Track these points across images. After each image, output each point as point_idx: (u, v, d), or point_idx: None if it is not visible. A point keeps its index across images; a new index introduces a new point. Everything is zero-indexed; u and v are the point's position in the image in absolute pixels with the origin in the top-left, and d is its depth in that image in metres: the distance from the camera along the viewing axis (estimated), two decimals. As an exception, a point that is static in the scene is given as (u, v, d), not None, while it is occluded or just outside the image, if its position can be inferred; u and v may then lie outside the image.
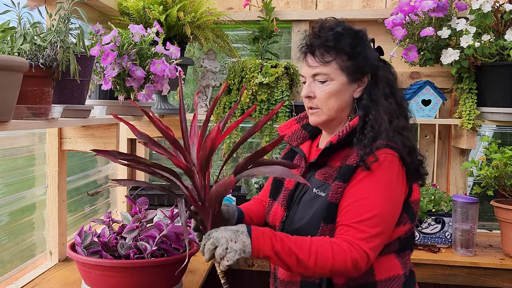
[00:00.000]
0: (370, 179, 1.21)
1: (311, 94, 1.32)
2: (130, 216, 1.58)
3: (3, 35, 1.25)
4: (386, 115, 1.26)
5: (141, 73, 1.70)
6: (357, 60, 1.29)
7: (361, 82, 1.31)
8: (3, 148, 1.70)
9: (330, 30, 1.31)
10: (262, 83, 2.30)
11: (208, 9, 2.31)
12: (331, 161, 1.32)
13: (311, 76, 1.33)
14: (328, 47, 1.29)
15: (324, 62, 1.29)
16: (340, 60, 1.29)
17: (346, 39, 1.29)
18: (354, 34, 1.31)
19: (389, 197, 1.21)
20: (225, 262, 1.13)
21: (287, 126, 1.49)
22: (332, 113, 1.32)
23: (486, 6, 2.09)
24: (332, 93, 1.30)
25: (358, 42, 1.30)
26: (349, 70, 1.29)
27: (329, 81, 1.29)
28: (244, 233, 1.14)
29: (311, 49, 1.32)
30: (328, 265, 1.14)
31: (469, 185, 2.61)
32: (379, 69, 1.32)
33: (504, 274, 2.06)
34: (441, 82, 2.49)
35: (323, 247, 1.15)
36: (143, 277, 1.43)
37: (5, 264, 1.71)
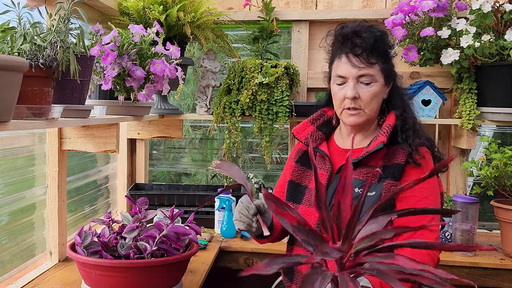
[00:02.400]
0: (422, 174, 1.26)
1: (357, 95, 1.33)
2: (130, 216, 1.58)
3: (3, 35, 1.25)
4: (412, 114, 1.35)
5: (141, 73, 1.70)
6: (390, 64, 1.36)
7: (389, 85, 1.38)
8: (3, 148, 1.70)
9: (372, 33, 1.33)
10: (262, 83, 2.30)
11: (208, 9, 2.31)
12: (370, 161, 1.34)
13: (356, 77, 1.33)
14: (373, 49, 1.31)
15: (370, 64, 1.31)
16: (381, 62, 1.33)
17: (385, 44, 1.35)
18: (386, 38, 1.37)
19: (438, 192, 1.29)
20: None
21: (302, 128, 1.50)
22: (372, 114, 1.36)
23: (486, 6, 2.09)
24: (375, 95, 1.33)
25: (390, 46, 1.37)
26: (386, 72, 1.34)
27: (373, 83, 1.33)
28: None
29: (356, 50, 1.32)
30: None
31: (469, 185, 2.61)
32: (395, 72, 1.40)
33: (504, 274, 2.06)
34: (441, 82, 2.49)
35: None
36: (143, 277, 1.43)
37: (5, 264, 1.71)
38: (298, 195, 1.43)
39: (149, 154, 2.90)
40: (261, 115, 2.33)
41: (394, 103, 1.35)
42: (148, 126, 2.56)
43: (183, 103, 2.99)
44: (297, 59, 2.59)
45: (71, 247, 1.52)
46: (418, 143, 1.29)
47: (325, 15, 2.54)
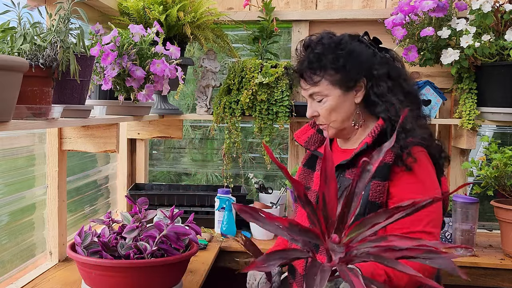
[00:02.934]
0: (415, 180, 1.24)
1: (315, 113, 1.38)
2: (130, 216, 1.58)
3: (3, 35, 1.25)
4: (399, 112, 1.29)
5: (141, 73, 1.70)
6: (344, 71, 1.32)
7: (358, 87, 1.34)
8: (3, 148, 1.70)
9: (311, 52, 1.34)
10: (262, 83, 2.30)
11: (208, 9, 2.31)
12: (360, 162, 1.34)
13: (308, 96, 1.38)
14: (313, 69, 1.33)
15: (314, 83, 1.34)
16: (328, 76, 1.33)
17: (327, 56, 1.32)
18: (335, 46, 1.33)
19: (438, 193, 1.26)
20: None
21: (303, 132, 1.52)
22: (338, 125, 1.36)
23: (486, 6, 2.09)
24: (331, 108, 1.35)
25: (340, 53, 1.32)
26: (340, 82, 1.33)
27: (325, 98, 1.34)
28: None
29: (300, 73, 1.37)
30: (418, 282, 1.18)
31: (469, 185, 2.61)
32: (373, 67, 1.33)
33: (504, 274, 2.06)
34: (441, 82, 2.49)
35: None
36: (143, 277, 1.43)
37: (5, 264, 1.71)
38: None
39: (149, 154, 2.90)
40: (261, 115, 2.33)
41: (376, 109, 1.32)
42: (148, 126, 2.56)
43: (183, 103, 2.99)
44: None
45: (71, 247, 1.52)
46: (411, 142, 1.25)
47: (325, 15, 2.54)
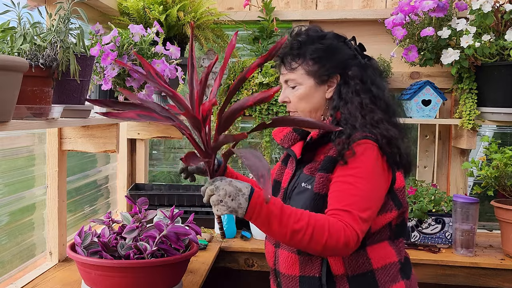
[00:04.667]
0: (352, 168, 1.26)
1: (286, 99, 1.42)
2: (130, 216, 1.58)
3: (3, 35, 1.25)
4: (357, 110, 1.32)
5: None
6: (320, 64, 1.36)
7: (330, 83, 1.38)
8: (3, 148, 1.70)
9: (295, 38, 1.40)
10: (262, 83, 2.30)
11: (208, 9, 2.31)
12: (317, 156, 1.39)
13: (283, 82, 1.43)
14: (293, 55, 1.39)
15: (291, 69, 1.39)
16: (306, 65, 1.37)
17: (308, 46, 1.37)
18: (318, 38, 1.38)
19: (372, 183, 1.25)
20: (215, 211, 1.20)
21: (279, 129, 1.56)
22: (306, 115, 1.39)
23: (486, 6, 2.09)
24: (301, 97, 1.38)
25: (321, 46, 1.37)
26: (315, 73, 1.37)
27: (298, 86, 1.39)
28: (245, 195, 1.17)
29: (281, 59, 1.42)
30: (322, 241, 1.16)
31: (469, 185, 2.61)
32: (349, 68, 1.37)
33: (504, 274, 2.06)
34: (441, 82, 2.49)
35: (320, 222, 1.18)
36: (143, 277, 1.43)
37: (5, 264, 1.71)
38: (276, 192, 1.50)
39: (149, 154, 2.90)
40: (261, 115, 2.33)
41: (332, 104, 1.36)
42: (148, 126, 2.55)
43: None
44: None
45: (71, 247, 1.52)
46: (355, 138, 1.26)
47: (325, 15, 2.54)
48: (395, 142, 1.31)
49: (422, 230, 2.16)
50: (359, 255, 1.30)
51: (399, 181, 1.35)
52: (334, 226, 1.18)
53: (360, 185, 1.24)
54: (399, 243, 1.38)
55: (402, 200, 1.36)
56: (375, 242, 1.32)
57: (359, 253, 1.29)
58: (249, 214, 1.17)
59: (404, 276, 1.34)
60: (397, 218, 1.35)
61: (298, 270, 1.34)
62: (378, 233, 1.32)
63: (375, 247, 1.32)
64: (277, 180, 1.52)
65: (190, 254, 1.54)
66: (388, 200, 1.32)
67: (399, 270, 1.34)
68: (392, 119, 1.37)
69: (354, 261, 1.30)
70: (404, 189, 1.38)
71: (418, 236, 2.17)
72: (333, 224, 1.18)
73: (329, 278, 1.30)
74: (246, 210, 1.17)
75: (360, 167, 1.25)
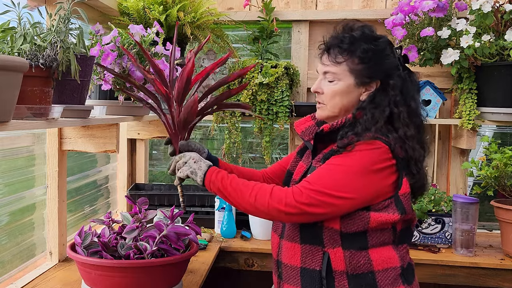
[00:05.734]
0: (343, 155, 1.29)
1: (319, 90, 1.40)
2: (130, 216, 1.58)
3: (3, 35, 1.25)
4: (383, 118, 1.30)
5: (141, 73, 1.70)
6: (367, 65, 1.34)
7: (369, 86, 1.36)
8: (3, 148, 1.70)
9: (348, 32, 1.37)
10: (262, 83, 2.30)
11: (208, 9, 2.31)
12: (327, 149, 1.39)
13: (322, 73, 1.40)
14: (341, 49, 1.35)
15: (335, 62, 1.35)
16: (351, 62, 1.34)
17: (360, 43, 1.34)
18: (372, 39, 1.36)
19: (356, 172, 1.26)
20: (179, 173, 1.39)
21: (302, 121, 1.55)
22: (335, 111, 1.38)
23: (486, 6, 2.09)
24: (337, 92, 1.36)
25: (373, 48, 1.34)
26: (358, 73, 1.34)
27: (337, 81, 1.36)
28: (206, 163, 1.38)
29: (327, 48, 1.38)
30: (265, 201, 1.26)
31: (469, 185, 2.61)
32: (392, 77, 1.35)
33: (504, 274, 2.06)
34: (441, 82, 2.49)
35: (265, 187, 1.29)
36: (143, 277, 1.44)
37: (5, 264, 1.71)
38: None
39: (149, 154, 2.90)
40: (261, 115, 2.33)
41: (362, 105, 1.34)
42: (148, 126, 2.55)
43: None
44: (297, 59, 2.59)
45: (71, 247, 1.52)
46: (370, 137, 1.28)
47: (325, 15, 2.54)
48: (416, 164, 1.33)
49: (422, 230, 2.16)
50: (361, 256, 1.30)
51: (405, 187, 1.33)
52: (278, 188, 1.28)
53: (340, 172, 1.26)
54: (403, 248, 1.38)
55: (407, 206, 1.34)
56: (378, 245, 1.32)
57: (361, 253, 1.30)
58: (207, 178, 1.34)
59: (405, 282, 1.34)
60: (402, 224, 1.35)
61: (299, 261, 1.35)
62: (379, 234, 1.31)
63: (377, 250, 1.32)
64: (290, 171, 1.53)
65: (190, 254, 1.54)
66: (391, 204, 1.31)
67: (400, 275, 1.33)
68: (423, 137, 1.37)
69: (355, 260, 1.30)
70: (409, 196, 1.36)
71: (418, 236, 2.17)
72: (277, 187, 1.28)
73: (328, 273, 1.31)
74: (205, 174, 1.34)
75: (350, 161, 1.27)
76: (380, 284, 1.30)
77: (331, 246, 1.30)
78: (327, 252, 1.31)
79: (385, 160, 1.28)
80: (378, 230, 1.31)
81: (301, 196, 1.24)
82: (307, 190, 1.25)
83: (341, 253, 1.29)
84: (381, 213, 1.30)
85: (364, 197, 1.28)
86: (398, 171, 1.30)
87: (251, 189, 1.29)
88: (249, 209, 1.31)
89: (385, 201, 1.30)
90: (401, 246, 1.37)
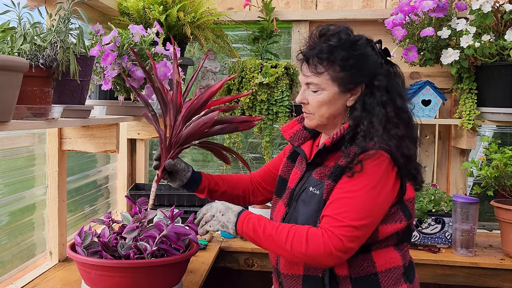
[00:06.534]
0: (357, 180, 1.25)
1: (305, 101, 1.37)
2: (130, 216, 1.57)
3: (3, 35, 1.25)
4: (380, 124, 1.28)
5: (141, 73, 1.70)
6: (349, 72, 1.31)
7: (354, 91, 1.33)
8: (3, 148, 1.70)
9: (325, 41, 1.33)
10: (262, 83, 2.30)
11: (208, 9, 2.31)
12: (327, 161, 1.36)
13: (305, 83, 1.37)
14: (321, 59, 1.32)
15: (316, 73, 1.33)
16: (332, 71, 1.31)
17: (339, 52, 1.30)
18: (350, 45, 1.32)
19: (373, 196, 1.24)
20: (207, 227, 1.35)
21: (289, 126, 1.53)
22: (323, 120, 1.36)
23: (486, 6, 2.09)
24: (323, 102, 1.34)
25: (353, 53, 1.31)
26: (341, 81, 1.31)
27: (321, 91, 1.33)
28: (234, 213, 1.32)
29: (306, 59, 1.36)
30: (302, 250, 1.21)
31: (469, 185, 2.61)
32: (376, 77, 1.32)
33: (504, 274, 2.06)
34: (441, 82, 2.49)
35: (299, 232, 1.23)
36: (143, 277, 1.43)
37: (5, 264, 1.71)
38: (281, 191, 1.49)
39: (149, 154, 2.90)
40: (261, 115, 2.33)
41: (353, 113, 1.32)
42: (148, 126, 2.55)
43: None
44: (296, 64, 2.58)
45: (71, 247, 1.52)
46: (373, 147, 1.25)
47: (325, 15, 2.54)
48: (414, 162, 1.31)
49: (422, 230, 2.16)
50: (364, 259, 1.29)
51: (409, 192, 1.33)
52: (313, 236, 1.21)
53: (359, 197, 1.23)
54: (404, 247, 1.38)
55: (412, 210, 1.35)
56: (381, 247, 1.31)
57: (364, 256, 1.29)
58: (239, 228, 1.29)
59: (407, 280, 1.34)
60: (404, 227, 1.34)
61: (302, 270, 1.34)
62: (385, 240, 1.31)
63: (380, 252, 1.31)
64: (283, 177, 1.50)
65: (190, 254, 1.54)
66: (397, 211, 1.31)
67: (403, 274, 1.33)
68: (413, 133, 1.36)
69: (359, 264, 1.29)
70: (413, 200, 1.36)
71: (418, 236, 2.17)
72: (312, 234, 1.21)
73: (332, 278, 1.30)
74: (235, 225, 1.29)
75: (364, 181, 1.24)
76: (383, 284, 1.30)
77: None
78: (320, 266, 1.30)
79: (391, 170, 1.27)
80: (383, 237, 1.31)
81: (338, 242, 1.19)
82: (340, 230, 1.20)
83: None
84: (389, 224, 1.29)
85: (383, 214, 1.28)
86: (400, 177, 1.29)
87: (286, 237, 1.23)
88: (287, 257, 1.29)
89: (391, 208, 1.29)
90: (402, 245, 1.37)
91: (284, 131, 1.52)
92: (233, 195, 1.63)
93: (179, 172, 1.53)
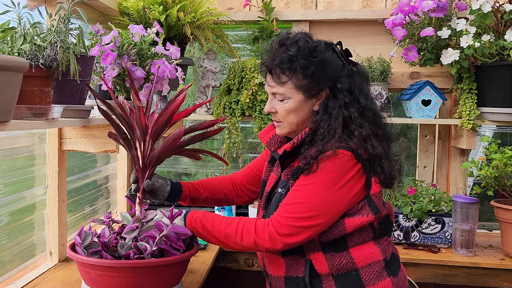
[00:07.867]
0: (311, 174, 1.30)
1: (273, 110, 1.41)
2: (130, 216, 1.57)
3: (3, 35, 1.25)
4: (340, 126, 1.31)
5: (141, 73, 1.70)
6: (311, 78, 1.34)
7: (319, 96, 1.37)
8: (3, 148, 1.70)
9: (285, 51, 1.35)
10: (262, 83, 2.30)
11: (208, 9, 2.31)
12: (295, 162, 1.41)
13: (271, 93, 1.41)
14: (282, 69, 1.35)
15: (280, 83, 1.36)
16: (295, 79, 1.34)
17: (299, 60, 1.33)
18: (309, 52, 1.34)
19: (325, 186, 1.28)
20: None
21: (266, 131, 1.56)
22: (293, 127, 1.40)
23: (486, 6, 2.09)
24: (290, 110, 1.37)
25: (313, 60, 1.33)
26: (305, 88, 1.35)
27: (287, 99, 1.37)
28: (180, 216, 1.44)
29: (269, 70, 1.39)
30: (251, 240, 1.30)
31: (469, 185, 2.61)
32: (339, 80, 1.35)
33: (504, 274, 2.06)
34: (441, 82, 2.49)
35: (248, 225, 1.31)
36: (143, 277, 1.43)
37: (5, 264, 1.71)
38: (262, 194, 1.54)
39: (149, 154, 2.90)
40: (261, 115, 2.33)
41: (315, 117, 1.35)
42: (148, 126, 2.55)
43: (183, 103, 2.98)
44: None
45: (71, 247, 1.52)
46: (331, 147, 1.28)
47: (325, 15, 2.54)
48: (379, 161, 1.33)
49: (422, 230, 2.17)
50: (342, 256, 1.32)
51: (375, 187, 1.36)
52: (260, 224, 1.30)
53: (309, 190, 1.28)
54: (384, 241, 1.39)
55: (379, 205, 1.36)
56: (359, 243, 1.34)
57: (342, 254, 1.32)
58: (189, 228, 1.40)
59: (390, 274, 1.36)
60: (378, 219, 1.36)
61: (284, 271, 1.38)
62: (358, 235, 1.34)
63: (358, 248, 1.34)
64: (264, 180, 1.56)
65: (190, 254, 1.54)
66: (364, 205, 1.34)
67: (384, 268, 1.35)
68: (379, 131, 1.37)
69: (338, 262, 1.32)
70: (380, 194, 1.39)
71: (418, 236, 2.17)
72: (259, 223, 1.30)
73: (314, 277, 1.33)
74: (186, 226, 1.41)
75: (317, 176, 1.28)
76: (365, 279, 1.32)
77: (312, 252, 1.34)
78: (309, 258, 1.34)
79: (352, 168, 1.29)
80: (356, 231, 1.33)
81: (281, 228, 1.27)
82: (285, 219, 1.27)
83: (323, 257, 1.33)
84: (355, 217, 1.32)
85: (340, 209, 1.31)
86: (366, 172, 1.32)
87: (235, 230, 1.32)
88: (236, 248, 1.36)
89: (358, 204, 1.33)
90: (381, 240, 1.39)
91: (262, 136, 1.55)
92: (215, 200, 1.69)
93: (159, 189, 1.56)
